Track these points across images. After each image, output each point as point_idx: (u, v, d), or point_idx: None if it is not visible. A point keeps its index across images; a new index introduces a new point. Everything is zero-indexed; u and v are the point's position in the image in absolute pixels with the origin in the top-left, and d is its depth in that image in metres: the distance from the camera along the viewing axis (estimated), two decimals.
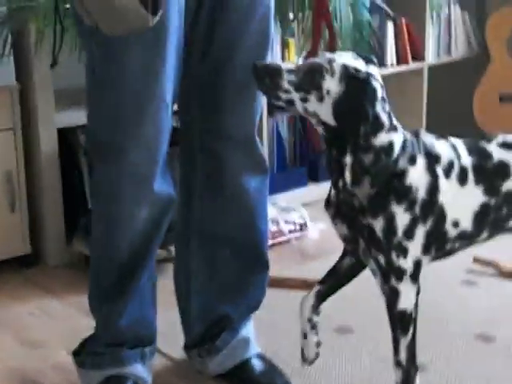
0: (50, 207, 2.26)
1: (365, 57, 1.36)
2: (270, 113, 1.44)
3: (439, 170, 1.36)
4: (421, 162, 1.35)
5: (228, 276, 1.62)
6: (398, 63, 2.93)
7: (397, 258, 1.34)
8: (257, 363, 1.65)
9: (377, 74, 1.34)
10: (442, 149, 1.38)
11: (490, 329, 1.87)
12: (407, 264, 1.35)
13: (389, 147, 1.32)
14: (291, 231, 2.46)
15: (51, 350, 1.83)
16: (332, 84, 1.31)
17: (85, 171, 2.27)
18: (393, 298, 1.36)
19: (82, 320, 1.87)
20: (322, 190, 1.54)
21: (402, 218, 1.33)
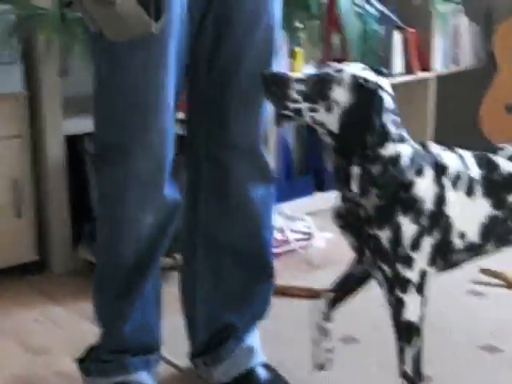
0: (56, 214, 2.27)
1: (374, 68, 1.36)
2: (277, 122, 1.44)
3: (446, 182, 1.35)
4: (428, 173, 1.34)
5: (233, 284, 1.62)
6: (406, 73, 2.93)
7: (402, 268, 1.34)
8: (262, 372, 1.64)
9: (387, 85, 1.34)
10: (450, 160, 1.37)
11: (496, 340, 1.86)
12: (413, 275, 1.34)
13: (396, 158, 1.32)
14: (297, 240, 2.46)
15: (55, 356, 1.83)
16: (341, 94, 1.31)
17: (91, 178, 2.28)
18: (398, 308, 1.36)
19: (86, 327, 1.87)
20: (328, 200, 1.54)
21: (408, 229, 1.32)
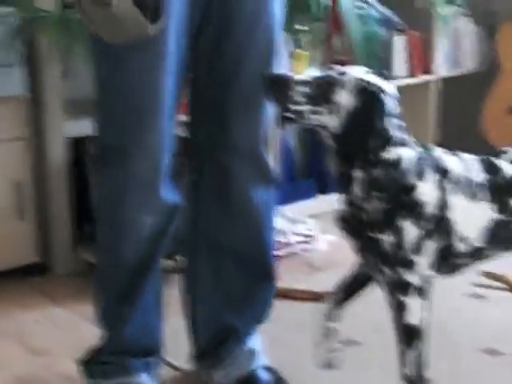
0: (57, 216, 2.27)
1: (378, 72, 1.36)
2: (279, 124, 1.43)
3: (449, 186, 1.35)
4: (430, 177, 1.34)
5: (233, 286, 1.61)
6: (408, 76, 2.92)
7: (404, 272, 1.34)
8: (263, 375, 1.64)
9: (390, 88, 1.34)
10: (453, 164, 1.37)
11: (497, 343, 1.85)
12: (414, 278, 1.34)
13: (398, 162, 1.32)
14: (299, 243, 2.46)
15: (56, 358, 1.83)
16: (344, 97, 1.31)
17: (92, 180, 2.28)
18: (399, 311, 1.36)
19: (87, 328, 1.86)
20: (331, 202, 1.54)
21: (410, 232, 1.32)
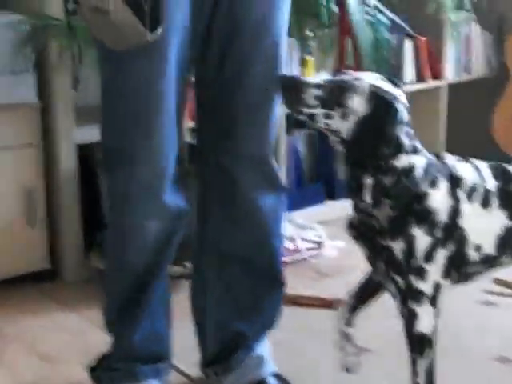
0: (68, 223, 2.27)
1: (391, 79, 1.35)
2: (288, 130, 1.43)
3: (461, 194, 1.34)
4: (443, 185, 1.33)
5: (242, 293, 1.61)
6: (417, 81, 2.92)
7: (416, 280, 1.33)
8: (272, 382, 1.64)
9: (403, 97, 1.33)
10: (465, 172, 1.36)
11: (508, 351, 1.84)
12: (426, 287, 1.33)
13: (409, 169, 1.31)
14: (308, 249, 2.45)
15: (66, 364, 1.83)
16: (358, 103, 1.30)
17: (102, 187, 2.28)
18: (411, 320, 1.35)
19: (97, 335, 1.86)
20: (339, 208, 1.54)
21: (421, 241, 1.32)
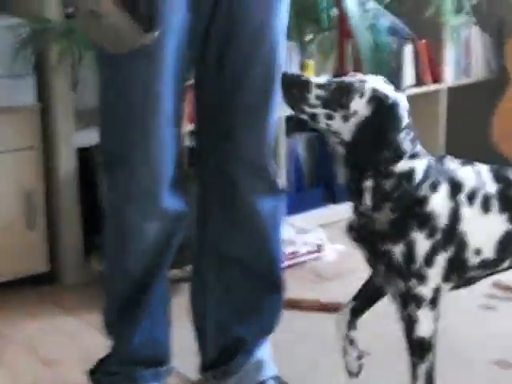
0: (67, 226, 2.27)
1: (393, 84, 1.35)
2: (292, 127, 1.42)
3: (462, 198, 1.34)
4: (443, 188, 1.33)
5: (241, 297, 1.61)
6: (417, 85, 2.92)
7: (416, 284, 1.33)
8: None
9: (404, 101, 1.33)
10: (466, 175, 1.36)
11: (509, 355, 1.84)
12: (426, 291, 1.33)
13: (410, 173, 1.31)
14: (308, 252, 2.45)
15: (65, 367, 1.83)
16: (360, 105, 1.30)
17: (102, 189, 2.28)
18: (411, 324, 1.35)
19: (97, 338, 1.86)
20: (339, 211, 1.54)
21: (422, 244, 1.31)
